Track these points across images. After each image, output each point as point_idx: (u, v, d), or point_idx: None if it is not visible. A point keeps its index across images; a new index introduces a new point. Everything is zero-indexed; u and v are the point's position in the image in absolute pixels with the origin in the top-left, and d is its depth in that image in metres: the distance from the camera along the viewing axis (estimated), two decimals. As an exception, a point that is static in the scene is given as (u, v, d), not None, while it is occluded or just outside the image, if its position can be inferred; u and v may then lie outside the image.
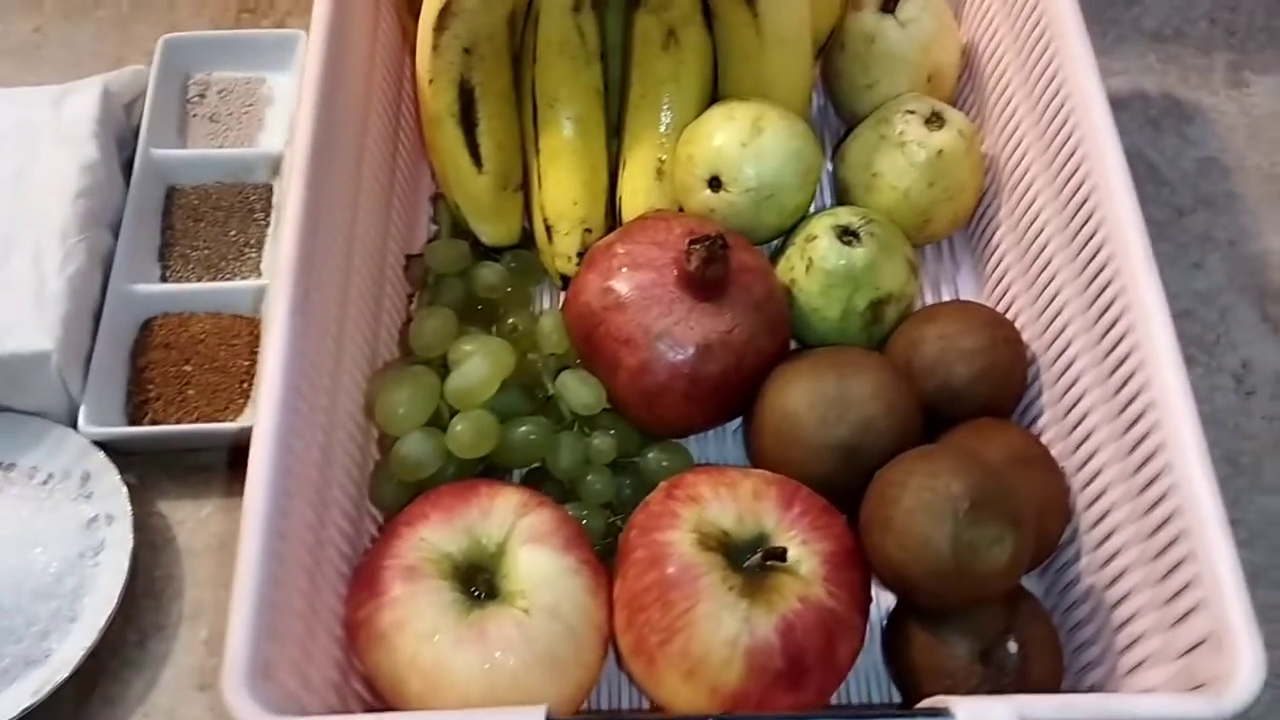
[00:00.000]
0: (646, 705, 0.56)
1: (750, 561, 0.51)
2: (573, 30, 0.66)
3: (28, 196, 0.68)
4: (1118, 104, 0.66)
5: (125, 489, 0.62)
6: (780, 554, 0.50)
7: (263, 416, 0.51)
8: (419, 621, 0.50)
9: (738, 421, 0.64)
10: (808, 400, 0.57)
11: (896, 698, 0.57)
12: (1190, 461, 0.49)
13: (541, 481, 0.61)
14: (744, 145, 0.63)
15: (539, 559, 0.52)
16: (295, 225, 0.56)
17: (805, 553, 0.51)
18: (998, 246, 0.68)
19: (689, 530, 0.51)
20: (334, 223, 0.60)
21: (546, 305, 0.71)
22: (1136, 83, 0.80)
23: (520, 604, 0.51)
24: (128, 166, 0.74)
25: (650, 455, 0.61)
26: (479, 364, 0.58)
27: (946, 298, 0.70)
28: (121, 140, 0.74)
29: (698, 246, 0.57)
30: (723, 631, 0.49)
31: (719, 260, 0.57)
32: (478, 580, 0.53)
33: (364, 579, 0.53)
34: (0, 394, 0.64)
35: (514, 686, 0.50)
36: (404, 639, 0.50)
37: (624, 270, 0.60)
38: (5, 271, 0.65)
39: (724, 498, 0.52)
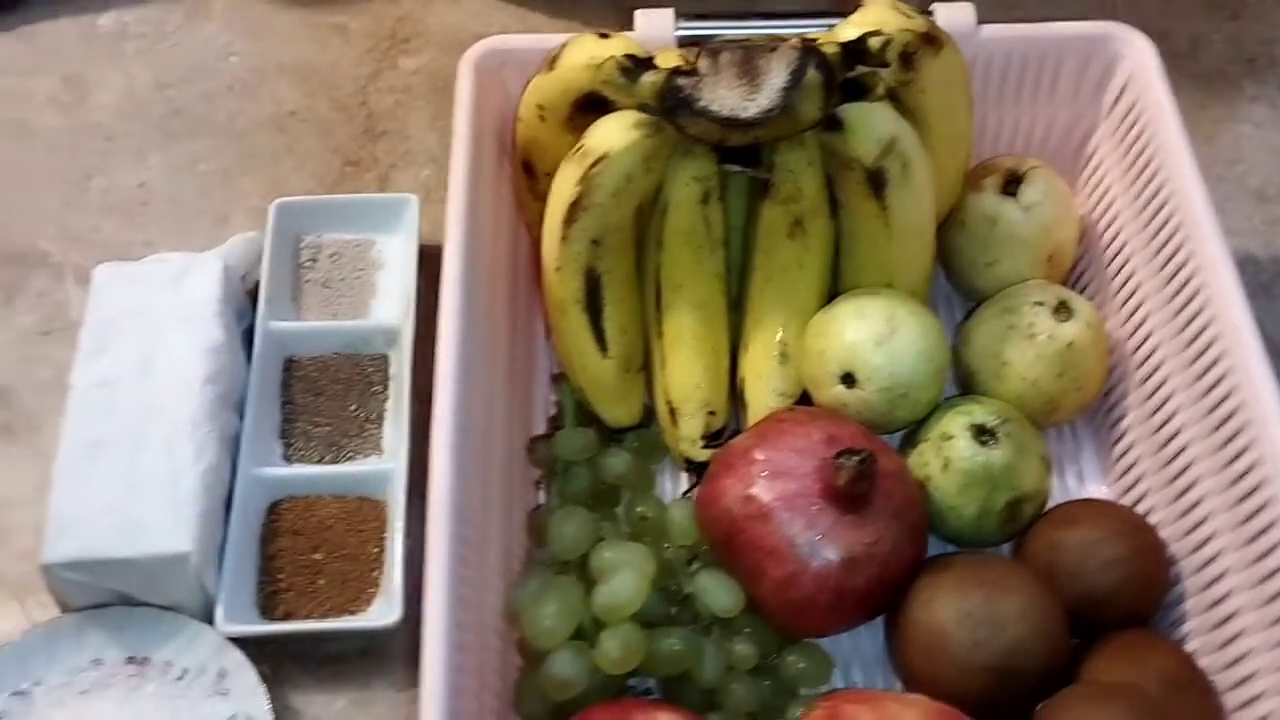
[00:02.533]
0: None
1: (920, 805, 0.51)
2: (700, 220, 0.67)
3: (154, 385, 0.68)
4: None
5: (264, 689, 0.62)
6: (952, 800, 0.50)
7: (431, 635, 0.52)
8: None
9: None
10: (955, 618, 0.57)
11: None
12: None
13: (681, 688, 0.61)
14: (878, 344, 0.64)
15: (702, 795, 0.52)
16: (447, 431, 0.57)
17: (975, 796, 0.51)
18: (1125, 431, 0.68)
19: (856, 772, 0.51)
20: (476, 416, 0.61)
21: (669, 485, 0.71)
22: (1244, 245, 0.80)
23: (684, 842, 0.51)
24: (245, 337, 0.74)
25: (789, 659, 0.61)
26: (628, 580, 0.58)
27: (1070, 482, 0.70)
28: (240, 312, 0.75)
29: (846, 462, 0.58)
30: None
31: (867, 478, 0.58)
32: (640, 815, 0.53)
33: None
34: (134, 590, 0.64)
35: None
36: None
37: (765, 477, 0.60)
38: (138, 467, 0.65)
39: (888, 735, 0.52)
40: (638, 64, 0.62)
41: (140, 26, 0.93)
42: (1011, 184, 0.70)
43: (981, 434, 0.63)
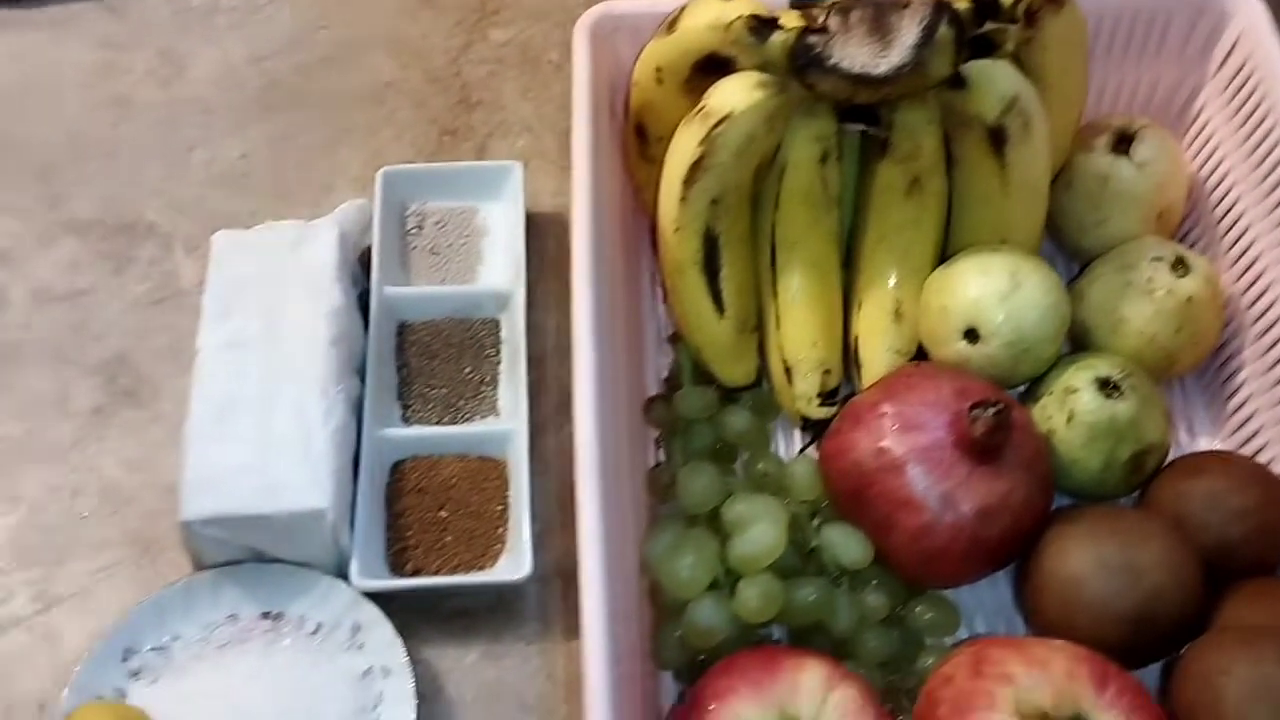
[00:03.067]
0: None
1: (1072, 744, 0.51)
2: (818, 180, 0.67)
3: (281, 348, 0.69)
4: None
5: (402, 642, 0.64)
6: (1106, 739, 0.51)
7: (589, 585, 0.53)
8: (745, 804, 0.52)
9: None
10: (1091, 567, 0.58)
11: None
12: None
13: (812, 638, 0.62)
14: (1002, 299, 0.64)
15: (855, 738, 0.53)
16: (589, 391, 0.58)
17: (1127, 735, 0.52)
18: (1241, 385, 0.69)
19: (1009, 713, 0.52)
20: (607, 380, 0.62)
21: (782, 444, 0.72)
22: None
23: (839, 783, 0.52)
24: (359, 304, 0.75)
25: (917, 610, 0.62)
26: (766, 530, 0.59)
27: (1183, 437, 0.71)
28: (355, 278, 0.76)
29: (983, 414, 0.58)
30: (1058, 819, 0.50)
31: (1004, 429, 0.58)
32: (792, 758, 0.54)
33: (680, 756, 0.54)
34: (270, 547, 0.66)
35: None
36: (730, 821, 0.51)
37: (896, 430, 0.61)
38: (271, 427, 0.66)
39: (1037, 677, 0.53)
40: (764, 24, 0.63)
41: (231, 0, 0.94)
42: (1123, 142, 0.71)
43: (1106, 386, 0.63)
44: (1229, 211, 0.71)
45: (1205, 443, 0.70)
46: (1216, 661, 0.53)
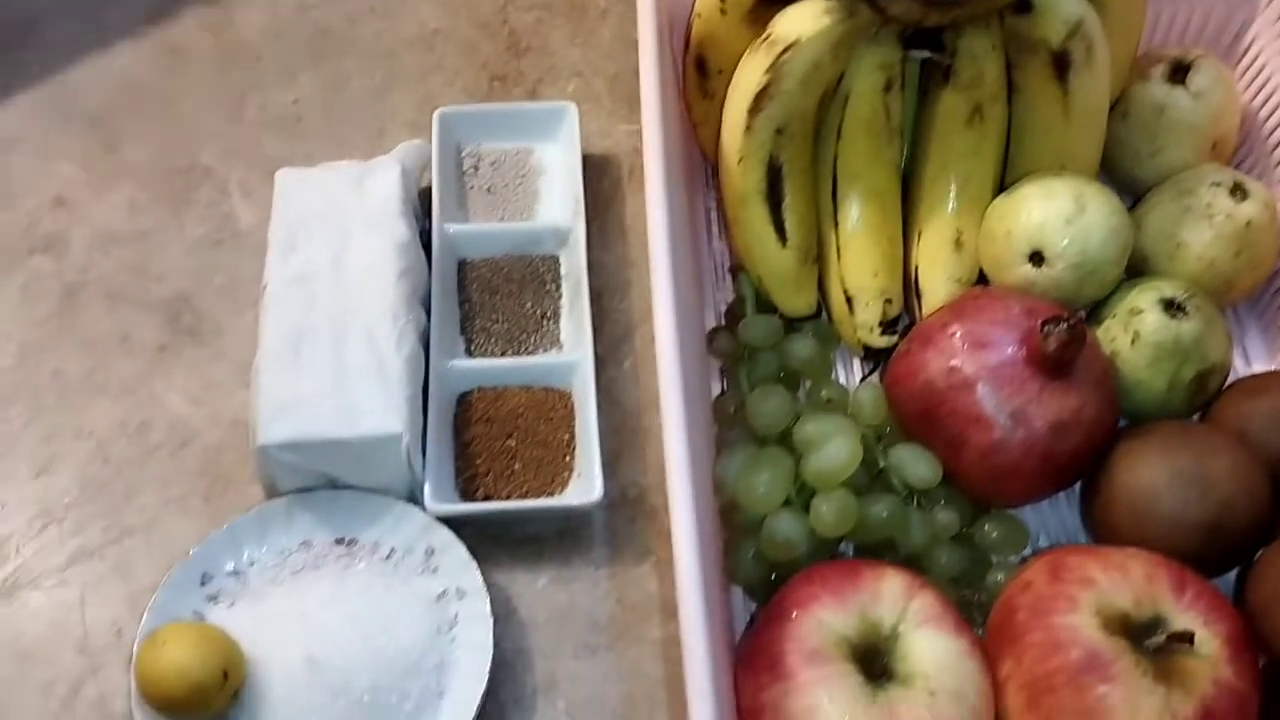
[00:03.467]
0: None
1: (1154, 643, 0.52)
2: (881, 109, 0.68)
3: (350, 280, 0.70)
4: None
5: (476, 564, 0.64)
6: (1189, 637, 0.52)
7: (678, 506, 0.53)
8: (833, 706, 0.52)
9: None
10: (1165, 478, 0.59)
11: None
12: None
13: (883, 554, 0.63)
14: (1068, 222, 0.65)
15: (937, 643, 0.54)
16: (667, 324, 0.58)
17: (1207, 635, 0.53)
18: (1295, 311, 0.70)
19: (1091, 614, 0.53)
20: (684, 302, 0.63)
21: (842, 374, 0.73)
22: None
23: (922, 686, 0.53)
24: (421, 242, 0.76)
25: (986, 527, 0.63)
26: (842, 445, 0.60)
27: (1239, 364, 0.71)
28: (416, 215, 0.76)
29: (1057, 328, 0.59)
30: (1143, 716, 0.51)
31: (1078, 341, 0.59)
32: (875, 663, 0.54)
33: (764, 662, 0.54)
34: (344, 473, 0.66)
35: (929, 768, 0.52)
36: (818, 723, 0.52)
37: (967, 349, 0.62)
38: (344, 355, 0.67)
39: (1117, 581, 0.54)
40: (833, -51, 0.63)
41: (277, -49, 0.94)
42: (1179, 72, 0.72)
43: (1171, 307, 0.64)
44: (1283, 141, 0.72)
45: (1260, 369, 0.71)
46: (1296, 561, 0.54)
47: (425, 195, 0.78)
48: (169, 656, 0.60)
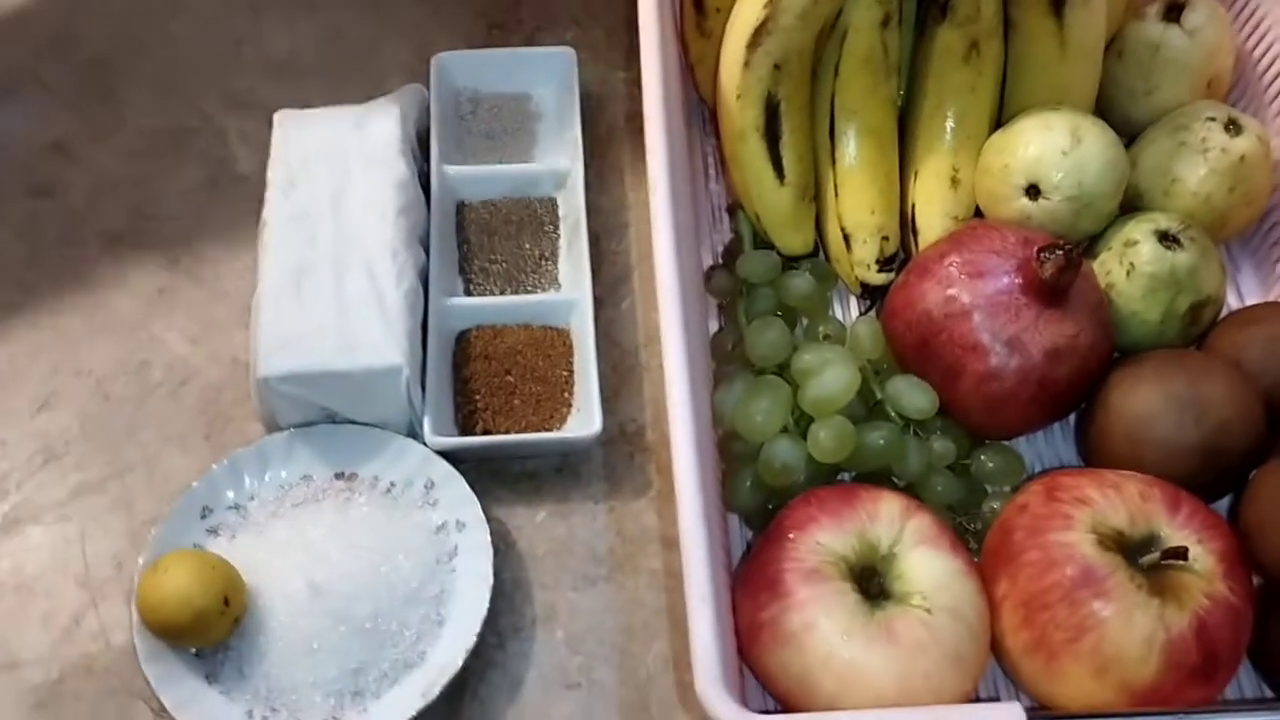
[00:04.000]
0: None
1: (1148, 560, 0.53)
2: (879, 45, 0.69)
3: (350, 217, 0.70)
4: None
5: (475, 496, 0.65)
6: (1183, 553, 0.52)
7: (680, 441, 0.53)
8: (830, 622, 0.53)
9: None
10: (1161, 403, 0.59)
11: (1265, 690, 0.59)
12: None
13: (880, 483, 0.63)
14: (1065, 154, 0.65)
15: (934, 562, 0.55)
16: (667, 253, 0.59)
17: (1201, 551, 0.53)
18: (1289, 247, 0.70)
19: (1086, 531, 0.53)
20: (684, 237, 0.63)
21: (839, 312, 0.73)
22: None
23: (919, 604, 0.54)
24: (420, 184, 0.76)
25: (982, 457, 0.64)
26: (840, 373, 0.61)
27: (1232, 299, 0.72)
28: (415, 157, 0.76)
29: (1053, 254, 0.59)
30: (1137, 629, 0.51)
31: (1074, 267, 0.60)
32: (871, 582, 0.55)
33: (762, 582, 0.55)
34: (344, 406, 0.67)
35: (926, 685, 0.52)
36: (815, 640, 0.53)
37: (964, 278, 0.62)
38: (344, 289, 0.67)
39: (1112, 499, 0.54)
40: (830, -119, 0.64)
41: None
42: (1174, 10, 0.72)
43: (1166, 239, 0.65)
44: (1275, 81, 0.72)
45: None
46: (1289, 478, 0.54)
47: (424, 140, 0.79)
48: (171, 583, 0.60)
